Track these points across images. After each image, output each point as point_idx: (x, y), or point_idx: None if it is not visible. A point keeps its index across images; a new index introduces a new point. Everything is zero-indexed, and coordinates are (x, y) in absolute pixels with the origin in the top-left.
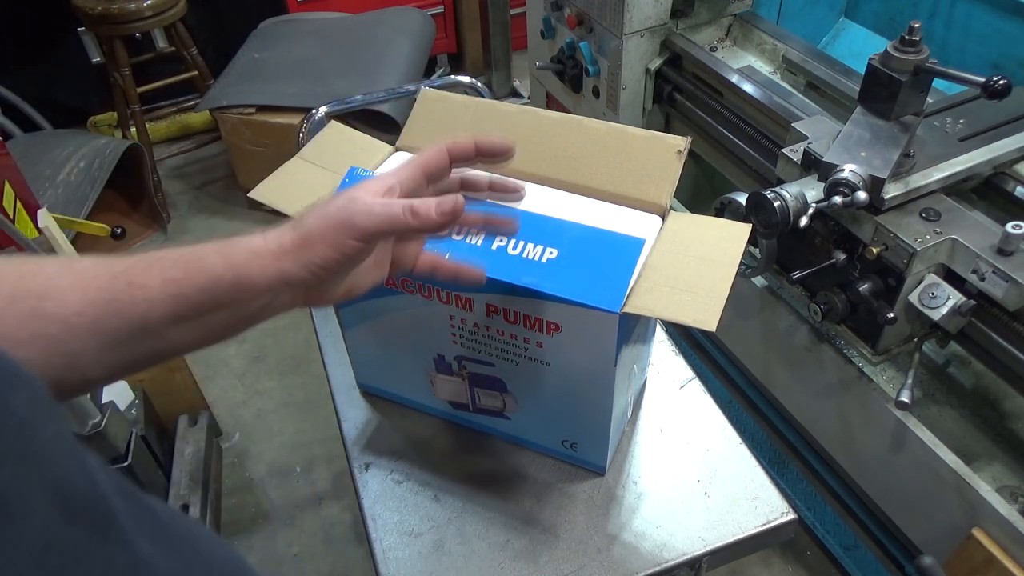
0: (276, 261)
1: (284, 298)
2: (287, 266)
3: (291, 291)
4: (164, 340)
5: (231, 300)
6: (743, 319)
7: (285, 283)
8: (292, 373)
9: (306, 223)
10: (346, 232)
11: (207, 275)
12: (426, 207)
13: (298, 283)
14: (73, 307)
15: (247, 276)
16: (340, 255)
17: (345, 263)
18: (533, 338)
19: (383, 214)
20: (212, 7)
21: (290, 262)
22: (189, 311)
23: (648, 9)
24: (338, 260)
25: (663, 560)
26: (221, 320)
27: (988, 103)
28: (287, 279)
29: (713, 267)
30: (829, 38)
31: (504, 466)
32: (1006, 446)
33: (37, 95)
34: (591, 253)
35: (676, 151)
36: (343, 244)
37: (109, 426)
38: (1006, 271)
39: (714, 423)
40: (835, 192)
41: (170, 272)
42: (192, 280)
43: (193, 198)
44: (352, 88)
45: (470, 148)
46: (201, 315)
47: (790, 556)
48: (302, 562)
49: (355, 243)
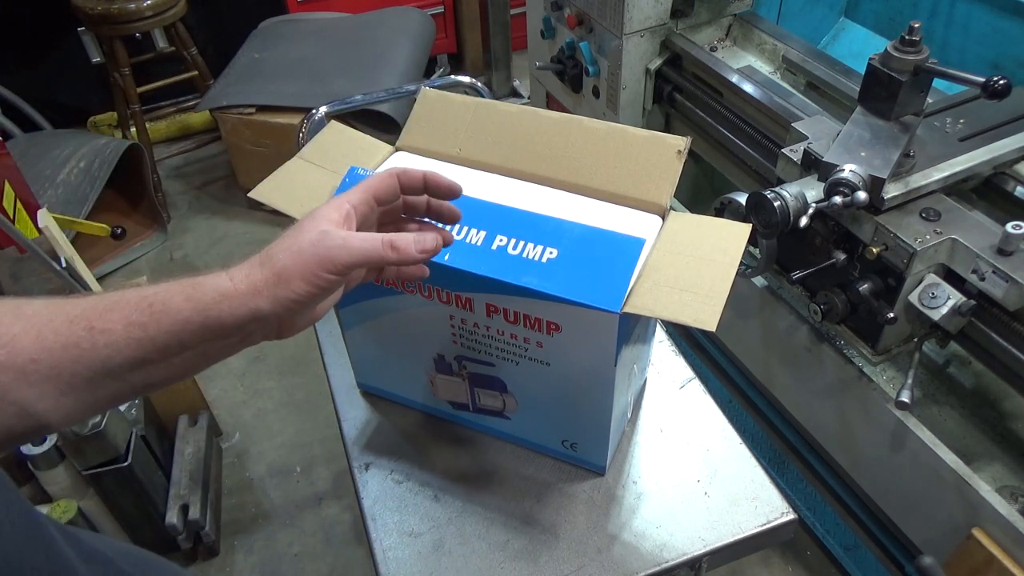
0: (248, 301)
1: (255, 335)
2: (260, 304)
3: (263, 328)
4: (126, 383)
5: (198, 342)
6: (743, 319)
7: (257, 321)
8: (292, 373)
9: (278, 260)
10: (324, 267)
11: (172, 319)
12: (406, 244)
13: (271, 319)
14: (28, 354)
15: (216, 318)
16: (316, 289)
17: (320, 296)
18: (533, 338)
19: (362, 249)
20: (212, 7)
21: (264, 300)
22: (154, 354)
23: (648, 9)
24: (314, 294)
25: (663, 560)
26: (186, 360)
27: (988, 103)
28: (260, 317)
29: (713, 267)
30: (829, 38)
31: (504, 466)
32: (1006, 446)
33: (37, 95)
34: (591, 253)
35: (676, 151)
36: (320, 279)
37: (109, 426)
38: (1006, 271)
39: (714, 423)
40: (835, 192)
41: (134, 316)
42: (158, 324)
43: (193, 198)
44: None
45: (419, 181)
46: (167, 357)
47: (790, 556)
48: (302, 562)
49: (333, 277)
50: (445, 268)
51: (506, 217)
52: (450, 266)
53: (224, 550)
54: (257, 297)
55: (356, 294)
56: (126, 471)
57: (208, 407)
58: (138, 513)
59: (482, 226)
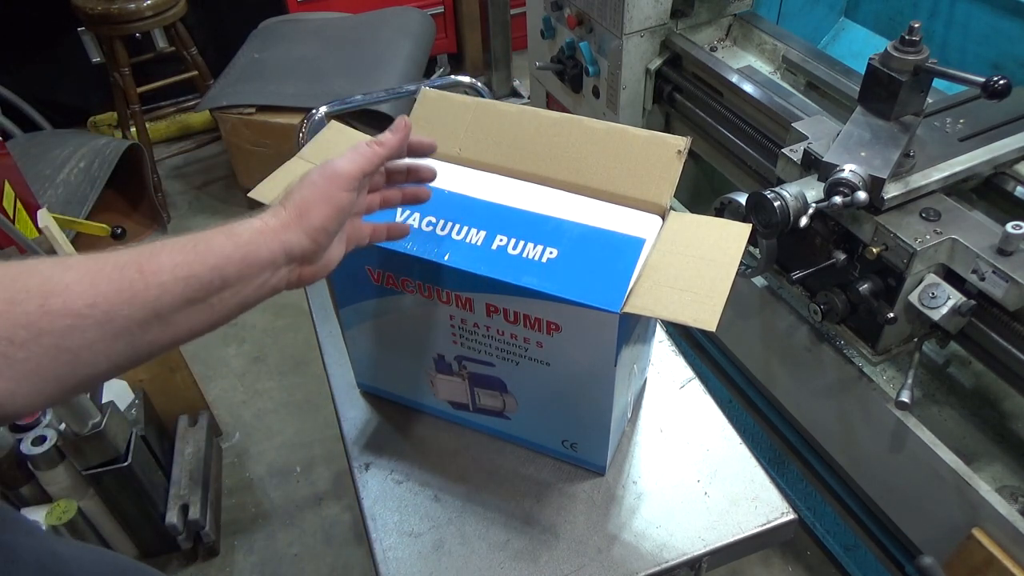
0: (280, 234)
1: (280, 274)
2: (291, 236)
3: (288, 265)
4: (170, 326)
5: (237, 279)
6: (743, 319)
7: (288, 254)
8: (292, 373)
9: (297, 196)
10: (336, 185)
11: (216, 255)
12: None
13: (300, 252)
14: (84, 300)
15: (255, 252)
16: (336, 210)
17: (340, 218)
18: (533, 338)
19: (358, 154)
20: (212, 7)
21: (293, 232)
22: (199, 292)
23: (648, 9)
24: (335, 216)
25: (663, 560)
26: (224, 301)
27: (988, 103)
28: (290, 249)
29: (713, 267)
30: (829, 38)
31: (504, 466)
32: (1006, 446)
33: (37, 95)
34: (591, 253)
35: (676, 151)
36: (337, 197)
37: (109, 426)
38: (1006, 271)
39: (714, 423)
40: (835, 192)
41: (179, 256)
42: (203, 261)
43: (193, 198)
44: (352, 88)
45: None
46: (209, 296)
47: (790, 556)
48: (302, 562)
49: (346, 192)
50: (445, 268)
51: (506, 217)
52: (450, 266)
53: (224, 550)
54: (287, 231)
55: (356, 294)
56: (126, 471)
57: (208, 407)
58: (138, 513)
59: (482, 226)
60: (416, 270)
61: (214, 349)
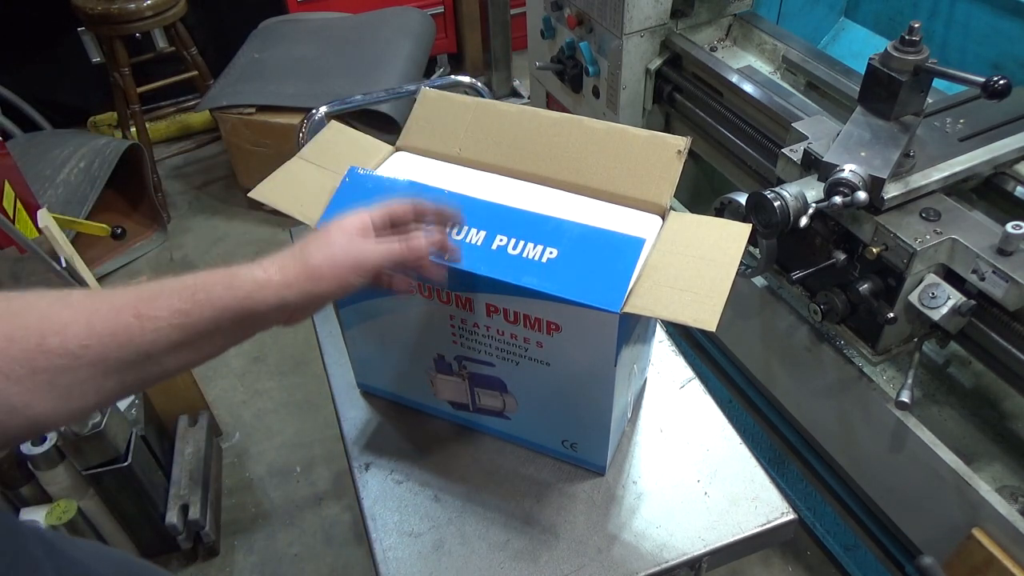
0: (280, 291)
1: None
2: (290, 295)
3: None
4: (160, 366)
5: (232, 327)
6: (743, 319)
7: (283, 311)
8: (292, 373)
9: (312, 259)
10: (355, 272)
11: (214, 307)
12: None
13: (294, 308)
14: (79, 340)
15: (251, 306)
16: (342, 291)
17: (342, 296)
18: (533, 338)
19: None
20: (212, 7)
21: (293, 292)
22: (194, 338)
23: (648, 9)
24: (338, 295)
25: (663, 560)
26: (215, 343)
27: (988, 103)
28: (286, 306)
29: (713, 267)
30: (829, 38)
31: (504, 466)
32: (1006, 446)
33: (37, 95)
34: (591, 253)
35: (676, 151)
36: (348, 281)
37: (109, 426)
38: (1006, 271)
39: (714, 423)
40: (835, 192)
41: (177, 304)
42: (200, 311)
43: (193, 198)
44: (352, 88)
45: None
46: (202, 341)
47: (790, 556)
48: (302, 562)
49: (361, 280)
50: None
51: (506, 217)
52: (450, 266)
53: (224, 550)
54: (288, 289)
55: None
56: (126, 471)
57: (208, 407)
58: (138, 513)
59: (482, 226)
60: None
61: None
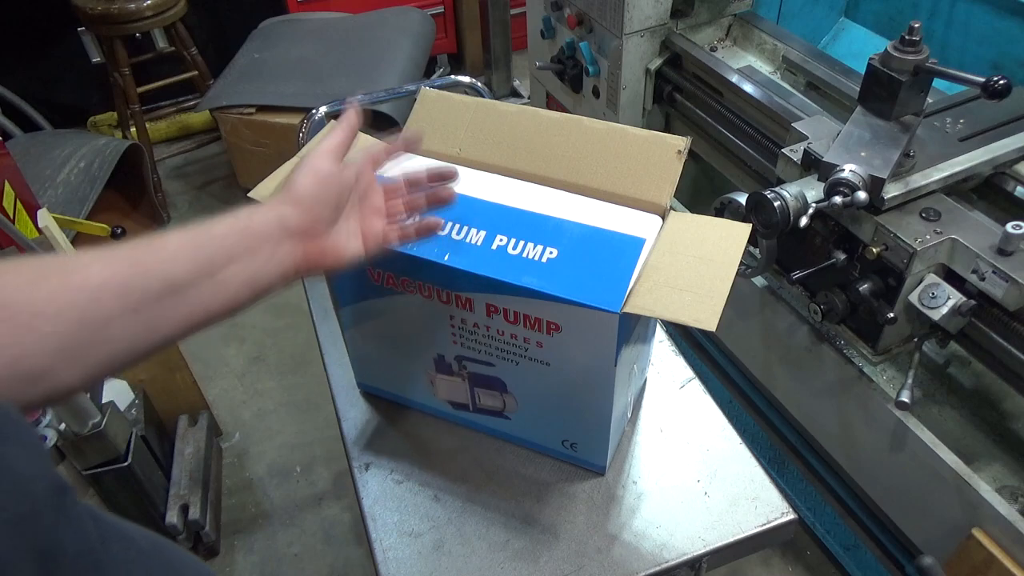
0: (273, 208)
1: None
2: (283, 209)
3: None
4: (185, 300)
5: (242, 252)
6: (743, 319)
7: (283, 225)
8: (292, 373)
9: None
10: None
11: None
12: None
13: (295, 223)
14: (101, 275)
15: (252, 225)
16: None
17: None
18: (533, 338)
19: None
20: (212, 7)
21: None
22: (207, 267)
23: (648, 9)
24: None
25: (663, 560)
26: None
27: (988, 103)
28: (284, 219)
29: (713, 267)
30: (829, 38)
31: (504, 466)
32: (1006, 446)
33: (37, 95)
34: (591, 253)
35: (676, 151)
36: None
37: (109, 426)
38: (1006, 271)
39: (714, 423)
40: (835, 192)
41: (184, 235)
42: (207, 233)
43: (193, 198)
44: (352, 88)
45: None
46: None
47: (790, 556)
48: (302, 562)
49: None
50: (445, 268)
51: (506, 217)
52: (450, 266)
53: (224, 550)
54: (280, 204)
55: (356, 294)
56: (126, 471)
57: (208, 407)
58: (138, 513)
59: (482, 226)
60: (416, 270)
61: (214, 349)
